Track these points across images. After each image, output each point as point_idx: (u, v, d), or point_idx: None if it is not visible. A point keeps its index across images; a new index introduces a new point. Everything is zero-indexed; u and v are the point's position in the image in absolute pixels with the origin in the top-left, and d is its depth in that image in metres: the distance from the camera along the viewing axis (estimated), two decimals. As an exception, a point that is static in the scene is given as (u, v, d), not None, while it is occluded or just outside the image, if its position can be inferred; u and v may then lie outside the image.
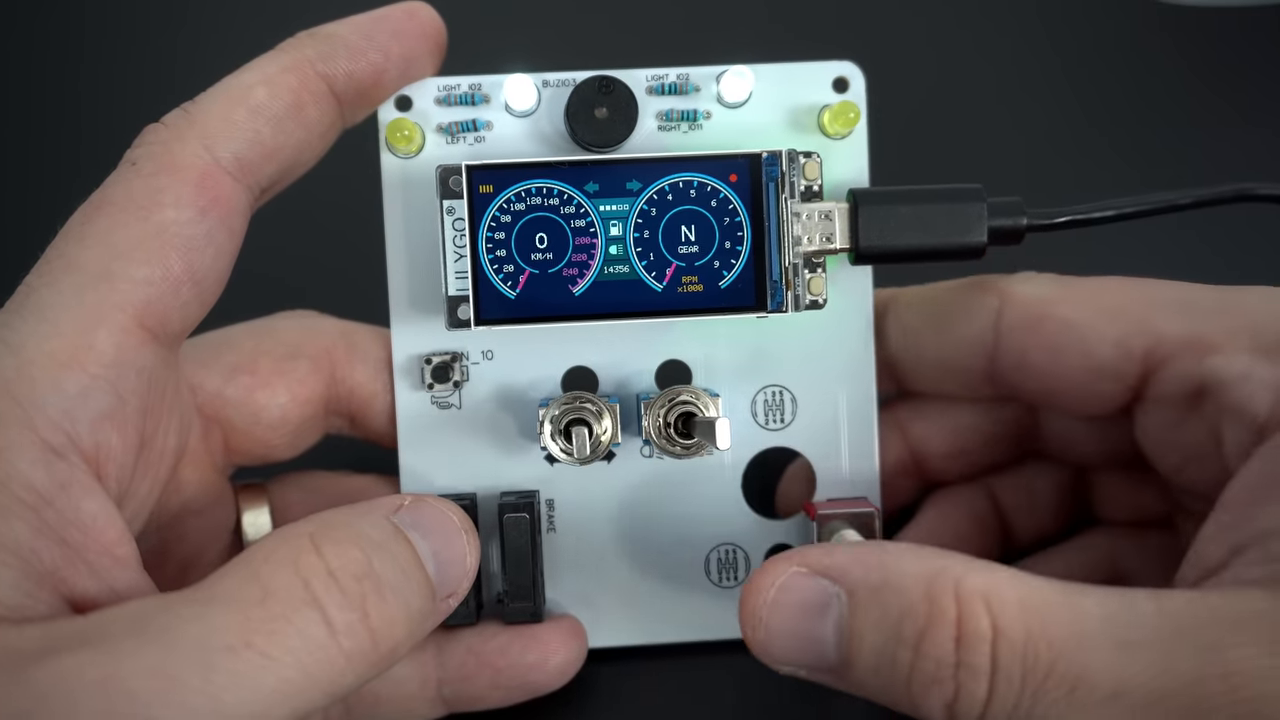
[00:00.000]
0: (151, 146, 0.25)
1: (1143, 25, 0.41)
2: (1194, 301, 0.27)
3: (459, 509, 0.26)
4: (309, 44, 0.27)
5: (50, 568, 0.22)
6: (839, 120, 0.29)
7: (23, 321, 0.23)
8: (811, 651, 0.24)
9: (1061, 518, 0.33)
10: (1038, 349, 0.28)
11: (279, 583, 0.21)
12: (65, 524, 0.22)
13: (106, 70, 0.40)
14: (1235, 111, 0.40)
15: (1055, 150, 0.39)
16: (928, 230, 0.28)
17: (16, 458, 0.22)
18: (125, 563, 0.23)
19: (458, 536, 0.25)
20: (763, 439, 0.30)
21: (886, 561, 0.23)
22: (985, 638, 0.22)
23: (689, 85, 0.29)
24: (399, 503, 0.25)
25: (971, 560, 0.23)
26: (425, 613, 0.24)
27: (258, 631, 0.21)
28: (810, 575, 0.24)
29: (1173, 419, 0.28)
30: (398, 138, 0.29)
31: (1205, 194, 0.29)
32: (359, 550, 0.23)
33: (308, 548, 0.22)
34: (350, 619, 0.22)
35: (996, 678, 0.22)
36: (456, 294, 0.27)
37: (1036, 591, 0.22)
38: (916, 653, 0.22)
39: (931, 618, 0.22)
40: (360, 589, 0.22)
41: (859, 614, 0.23)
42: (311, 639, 0.21)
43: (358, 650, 0.22)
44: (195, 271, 0.25)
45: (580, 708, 0.30)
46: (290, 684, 0.21)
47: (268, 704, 0.20)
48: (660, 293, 0.28)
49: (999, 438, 0.32)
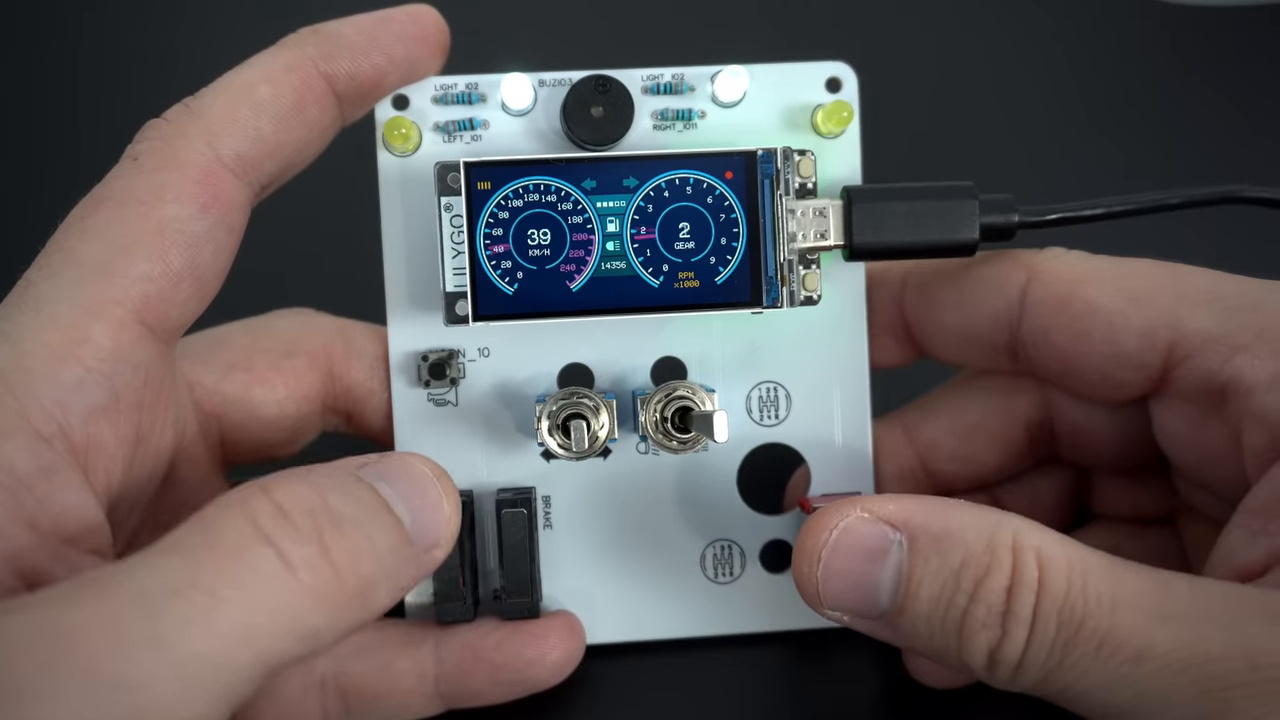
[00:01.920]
0: (153, 142, 0.26)
1: (1141, 23, 0.42)
2: (1224, 295, 0.27)
3: (429, 460, 0.25)
4: (311, 41, 0.27)
5: (14, 550, 0.22)
6: (832, 120, 0.30)
7: (21, 314, 0.24)
8: (865, 598, 0.24)
9: (1064, 517, 0.33)
10: (1062, 329, 0.28)
11: (226, 524, 0.20)
12: (40, 510, 0.22)
13: (106, 64, 0.40)
14: (1234, 110, 0.40)
15: (1047, 147, 0.40)
16: (920, 227, 0.28)
17: (3, 441, 0.22)
18: (98, 555, 0.23)
19: (429, 484, 0.24)
20: (757, 435, 0.31)
21: (949, 512, 0.24)
22: (1032, 588, 0.23)
23: (684, 85, 0.30)
24: (363, 461, 0.24)
25: (1027, 519, 0.24)
26: (398, 554, 0.23)
27: (205, 572, 0.19)
28: (873, 520, 0.24)
29: (1192, 415, 0.28)
30: (395, 136, 0.29)
31: (1194, 195, 0.29)
32: (309, 489, 0.22)
33: (256, 491, 0.21)
34: (307, 553, 0.21)
35: (1035, 626, 0.23)
36: (454, 290, 0.28)
37: (1082, 556, 0.23)
38: (972, 599, 0.23)
39: (991, 567, 0.23)
40: (314, 523, 0.21)
41: (920, 560, 0.24)
42: (264, 575, 0.20)
43: (320, 586, 0.21)
44: (195, 268, 0.25)
45: (576, 703, 0.31)
46: (247, 625, 0.19)
47: (223, 646, 0.19)
48: (657, 288, 0.28)
49: (1010, 437, 0.31)
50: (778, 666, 0.31)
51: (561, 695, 0.30)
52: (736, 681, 0.31)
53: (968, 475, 0.32)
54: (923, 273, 0.31)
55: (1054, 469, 0.32)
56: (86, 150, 0.31)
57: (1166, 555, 0.31)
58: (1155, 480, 0.31)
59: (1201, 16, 0.41)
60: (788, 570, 0.31)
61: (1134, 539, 0.31)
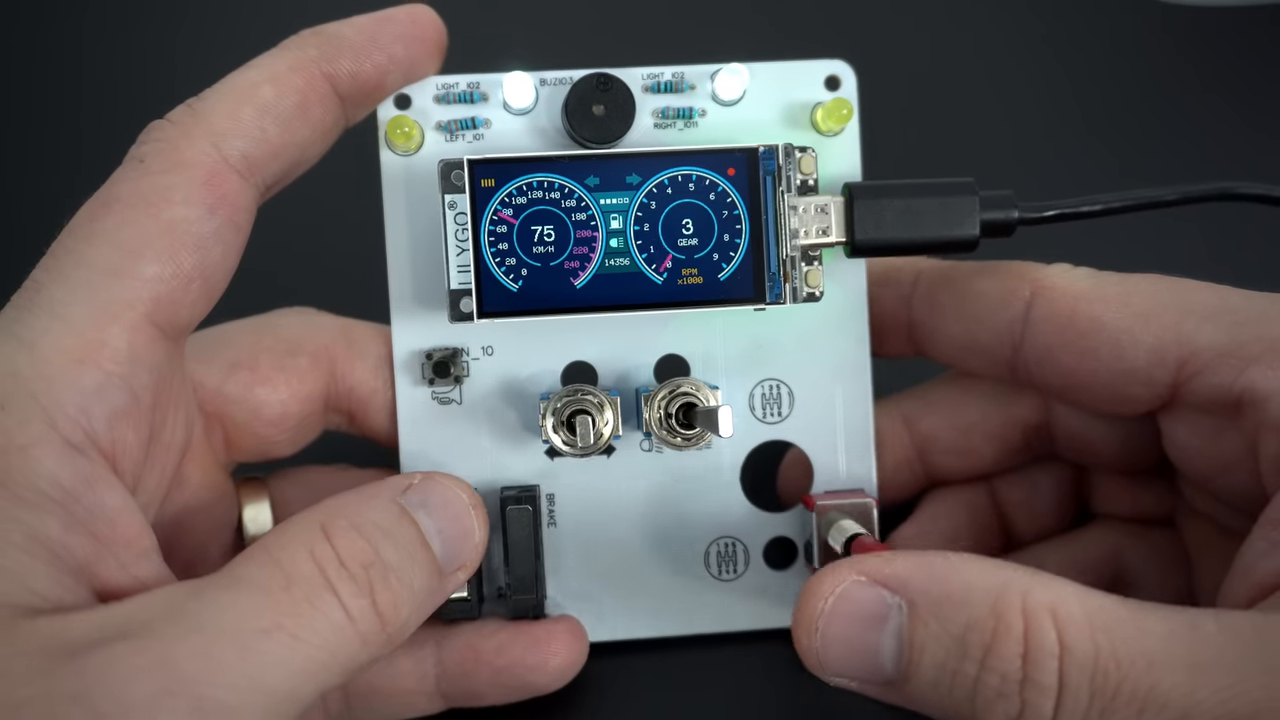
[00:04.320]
0: (159, 144, 0.25)
1: (1139, 22, 0.42)
2: (1232, 309, 0.27)
3: (468, 486, 0.27)
4: (313, 43, 0.27)
5: (81, 561, 0.22)
6: (832, 117, 0.30)
7: (35, 318, 0.24)
8: (868, 664, 0.23)
9: (1062, 516, 0.33)
10: (1066, 346, 0.28)
11: (299, 570, 0.23)
12: (92, 519, 0.23)
13: (108, 65, 0.40)
14: (1233, 110, 0.40)
15: (1046, 146, 0.40)
16: (921, 223, 0.29)
17: (42, 455, 0.22)
18: (148, 554, 0.24)
19: (466, 514, 0.26)
20: (761, 432, 0.31)
21: (949, 572, 0.23)
22: (1053, 654, 0.21)
23: (684, 83, 0.30)
24: (408, 482, 0.26)
25: (1036, 573, 0.23)
26: (430, 590, 0.25)
27: (286, 615, 0.22)
28: (870, 584, 0.23)
29: (1205, 428, 0.28)
30: (397, 135, 0.29)
31: (1190, 191, 0.30)
32: (364, 540, 0.24)
33: (320, 537, 0.23)
34: (362, 605, 0.23)
35: (1064, 695, 0.21)
36: (459, 287, 0.28)
37: (1102, 609, 0.22)
38: (982, 667, 0.22)
39: (998, 632, 0.22)
40: (367, 576, 0.23)
41: (920, 626, 0.23)
42: (333, 623, 0.22)
43: (370, 632, 0.23)
44: (205, 268, 0.25)
45: (580, 701, 0.30)
46: (316, 663, 0.22)
47: (298, 681, 0.22)
48: (660, 285, 0.28)
49: (1008, 436, 0.31)
50: (782, 664, 0.31)
51: (565, 692, 0.29)
52: (740, 678, 0.31)
53: (965, 468, 0.32)
54: (931, 278, 0.31)
55: (1054, 464, 0.32)
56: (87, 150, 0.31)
57: (1169, 556, 0.31)
58: (1155, 482, 0.31)
59: (1201, 16, 0.42)
60: (791, 567, 0.31)
61: (1135, 538, 0.31)
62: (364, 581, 0.23)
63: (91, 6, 0.41)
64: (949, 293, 0.30)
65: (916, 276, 0.31)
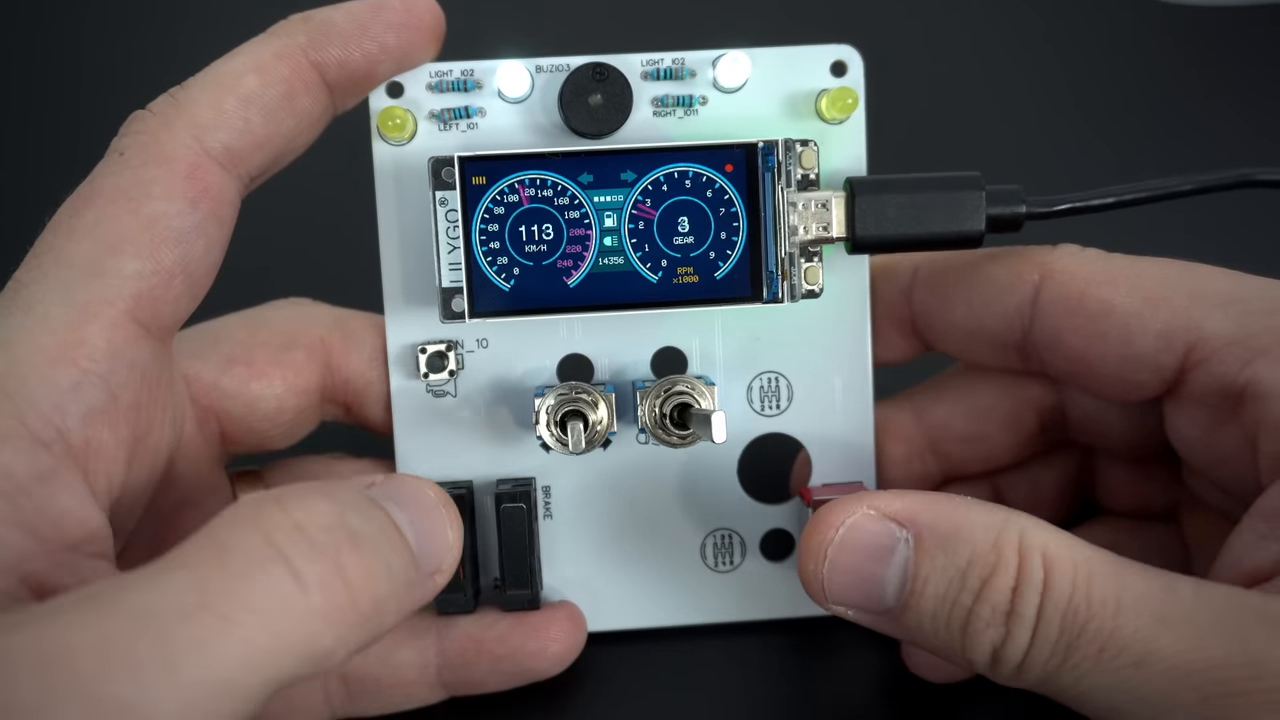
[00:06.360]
0: (139, 136, 0.25)
1: (1142, 21, 0.41)
2: (1244, 298, 0.26)
3: (435, 485, 0.24)
4: (301, 29, 0.26)
5: (16, 557, 0.21)
6: (836, 106, 0.29)
7: (12, 317, 0.23)
8: (870, 594, 0.24)
9: (1065, 510, 0.32)
10: (1075, 330, 0.28)
11: (238, 540, 0.20)
12: (38, 516, 0.22)
13: (91, 53, 0.39)
14: (1234, 110, 0.40)
15: (1054, 138, 0.40)
16: (925, 219, 0.28)
17: (1, 447, 0.22)
18: (101, 559, 0.23)
19: (435, 511, 0.24)
20: (759, 425, 0.30)
21: (954, 510, 0.24)
22: (1037, 589, 0.23)
23: (684, 70, 0.29)
24: (371, 480, 0.23)
25: (1033, 518, 0.24)
26: (408, 578, 0.22)
27: (214, 592, 0.19)
28: (879, 518, 0.24)
29: (1206, 417, 0.27)
30: (389, 125, 0.28)
31: (1206, 180, 0.29)
32: (329, 504, 0.21)
33: (271, 506, 0.20)
34: (321, 571, 0.20)
35: (1039, 627, 0.23)
36: (450, 286, 0.27)
37: (1089, 558, 0.23)
38: (977, 598, 0.23)
39: (996, 566, 0.23)
40: (332, 539, 0.20)
41: (925, 559, 0.24)
42: (277, 596, 0.19)
43: (334, 606, 0.20)
44: (187, 264, 0.25)
45: (578, 690, 0.31)
46: (257, 647, 0.19)
47: (232, 672, 0.18)
48: (655, 284, 0.28)
49: (1023, 420, 0.31)
50: (777, 654, 0.31)
51: (563, 682, 0.30)
52: (736, 669, 0.31)
53: (977, 457, 0.32)
54: (933, 267, 0.30)
55: (1056, 459, 0.32)
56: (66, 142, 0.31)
57: (1168, 552, 0.30)
58: (1161, 472, 0.31)
59: (1201, 16, 0.41)
60: (787, 559, 0.31)
61: (1136, 534, 0.31)
62: (327, 545, 0.20)
63: (92, 5, 0.40)
64: (954, 280, 0.30)
65: (915, 268, 0.30)
